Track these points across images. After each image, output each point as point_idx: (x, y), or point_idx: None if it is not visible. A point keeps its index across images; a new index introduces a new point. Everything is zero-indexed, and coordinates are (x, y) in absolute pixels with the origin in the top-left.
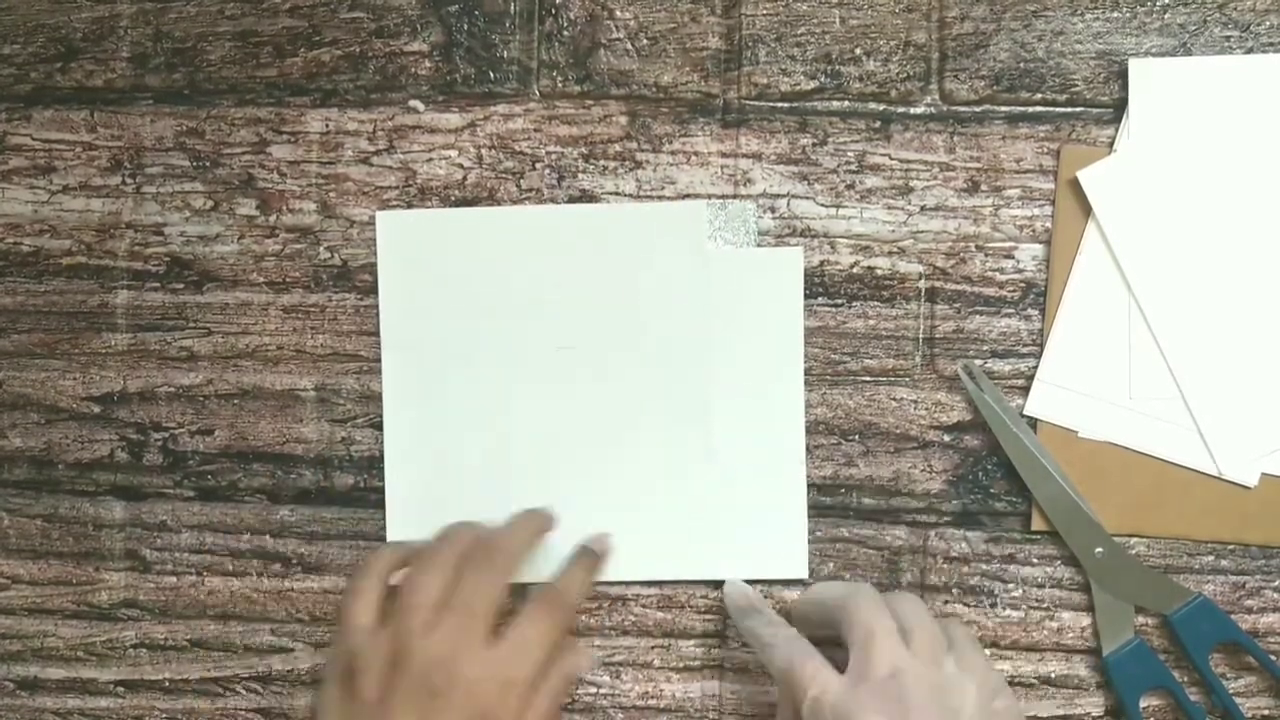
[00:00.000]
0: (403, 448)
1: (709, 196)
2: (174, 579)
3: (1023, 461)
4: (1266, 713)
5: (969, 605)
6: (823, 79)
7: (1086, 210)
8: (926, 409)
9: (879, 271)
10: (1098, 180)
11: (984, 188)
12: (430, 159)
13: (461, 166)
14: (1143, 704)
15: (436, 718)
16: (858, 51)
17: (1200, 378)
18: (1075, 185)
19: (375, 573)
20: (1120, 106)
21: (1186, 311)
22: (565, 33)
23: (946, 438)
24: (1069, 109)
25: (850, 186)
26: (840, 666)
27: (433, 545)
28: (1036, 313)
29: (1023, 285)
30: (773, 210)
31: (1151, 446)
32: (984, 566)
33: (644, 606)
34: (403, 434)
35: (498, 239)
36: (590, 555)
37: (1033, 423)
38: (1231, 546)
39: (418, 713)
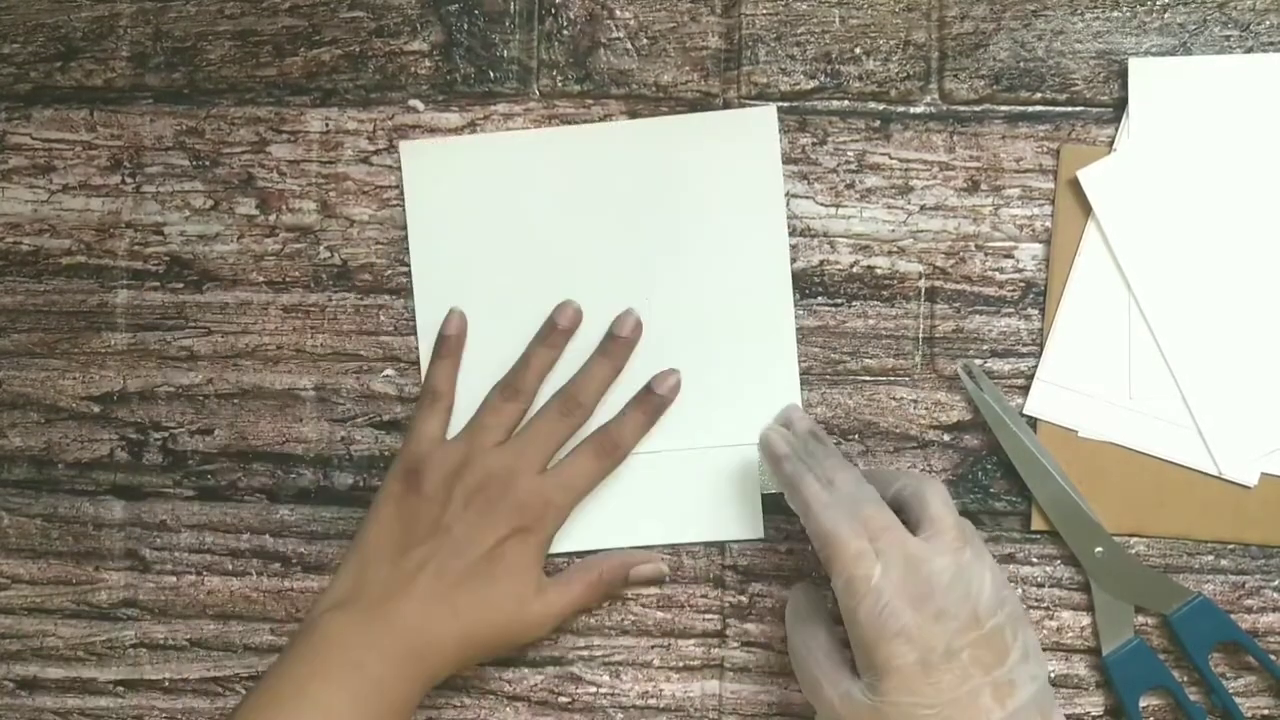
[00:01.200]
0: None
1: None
2: (174, 579)
3: (1022, 461)
4: (1266, 712)
5: None
6: (822, 78)
7: (1086, 210)
8: (926, 409)
9: (879, 271)
10: (1097, 180)
11: (984, 187)
12: None
13: None
14: (1142, 703)
15: (486, 519)
16: (857, 51)
17: (1200, 378)
18: (1075, 185)
19: (444, 388)
20: (1120, 106)
21: (1186, 311)
22: (565, 32)
23: (946, 437)
24: (1069, 108)
25: (850, 186)
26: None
27: (516, 373)
28: (1036, 312)
29: (1022, 285)
30: None
31: (1151, 446)
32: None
33: (644, 606)
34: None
35: (517, 162)
36: (651, 398)
37: (1033, 422)
38: (1231, 546)
39: (472, 512)
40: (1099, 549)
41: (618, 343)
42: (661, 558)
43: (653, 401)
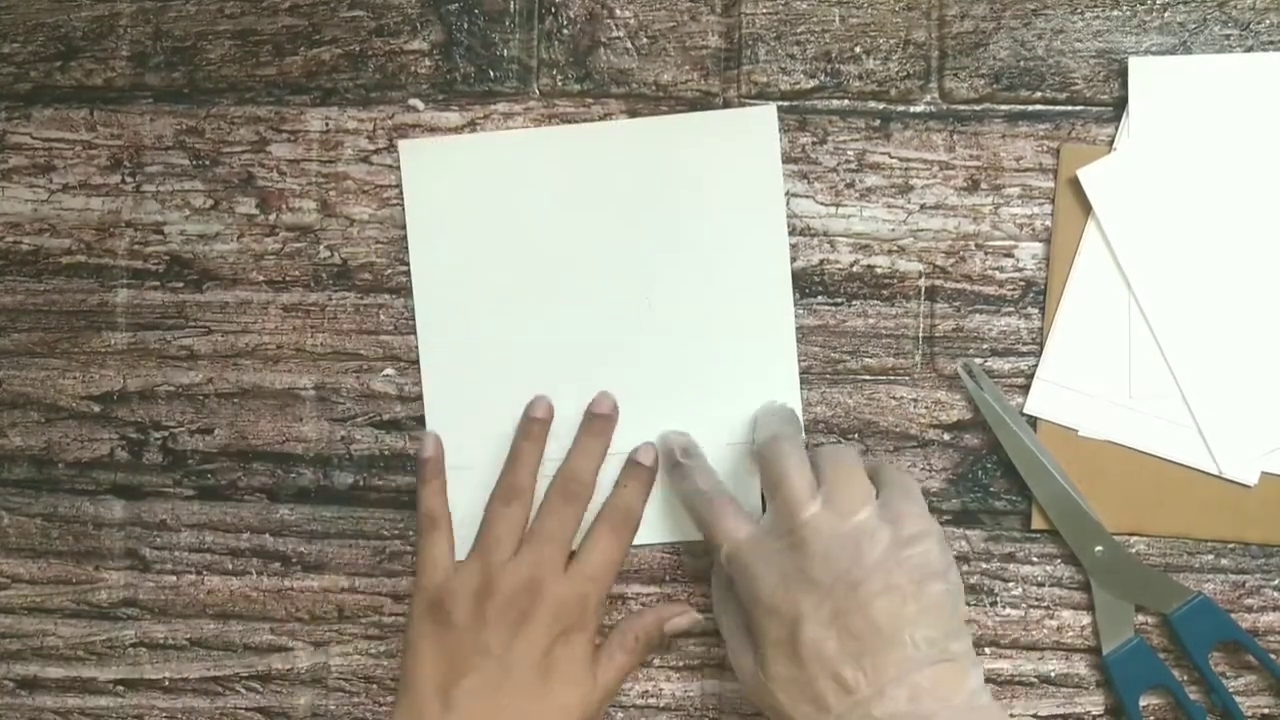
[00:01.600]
0: (439, 379)
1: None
2: (174, 578)
3: (1022, 460)
4: (1266, 712)
5: (969, 604)
6: (822, 77)
7: (1086, 209)
8: (926, 408)
9: (879, 270)
10: (1097, 179)
11: (984, 186)
12: None
13: None
14: (1142, 703)
15: (526, 632)
16: (857, 50)
17: (1200, 377)
18: (1075, 184)
19: (439, 511)
20: (1120, 105)
21: (1186, 310)
22: (565, 31)
23: (946, 436)
24: (1069, 107)
25: (850, 185)
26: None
27: (509, 474)
28: (1036, 311)
29: (1022, 284)
30: None
31: (1151, 446)
32: (984, 565)
33: (644, 606)
34: (438, 364)
35: (517, 160)
36: (640, 469)
37: (1033, 421)
38: (1231, 545)
39: (509, 629)
40: (1099, 548)
41: (600, 420)
42: (690, 607)
43: (646, 473)
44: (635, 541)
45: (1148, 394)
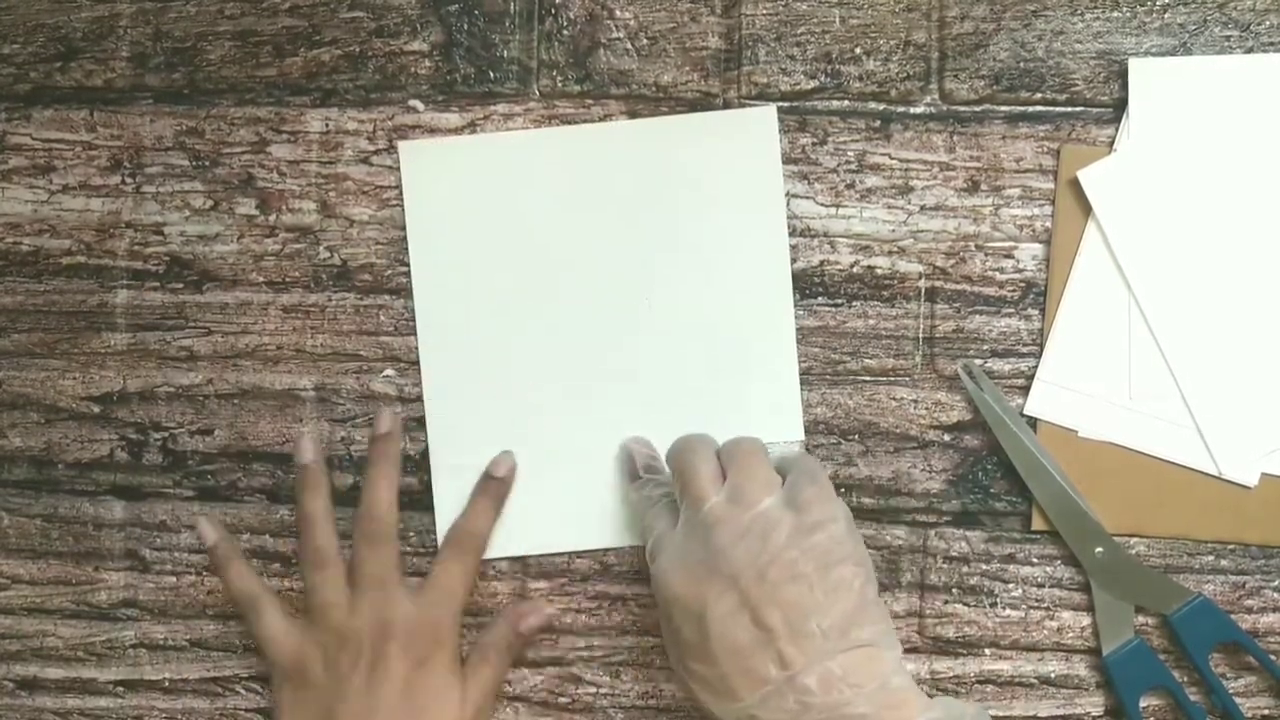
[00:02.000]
0: (439, 379)
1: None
2: (174, 579)
3: (1023, 461)
4: (1266, 713)
5: (969, 605)
6: (823, 78)
7: (1086, 210)
8: (926, 409)
9: (879, 271)
10: (1098, 180)
11: (984, 187)
12: None
13: None
14: (1143, 704)
15: (382, 670)
16: (858, 51)
17: (1200, 378)
18: (1075, 185)
19: (260, 587)
20: (1120, 106)
21: (1186, 311)
22: (565, 32)
23: (946, 437)
24: (1069, 108)
25: (850, 186)
26: None
27: (306, 542)
28: (1036, 312)
29: (1023, 285)
30: None
31: (1151, 446)
32: (984, 566)
33: (644, 606)
34: (438, 364)
35: (517, 161)
36: (493, 483)
37: (1033, 422)
38: (1231, 546)
39: (366, 672)
40: (1099, 549)
41: (382, 440)
42: (546, 601)
43: (495, 487)
44: (640, 542)
45: (1148, 395)
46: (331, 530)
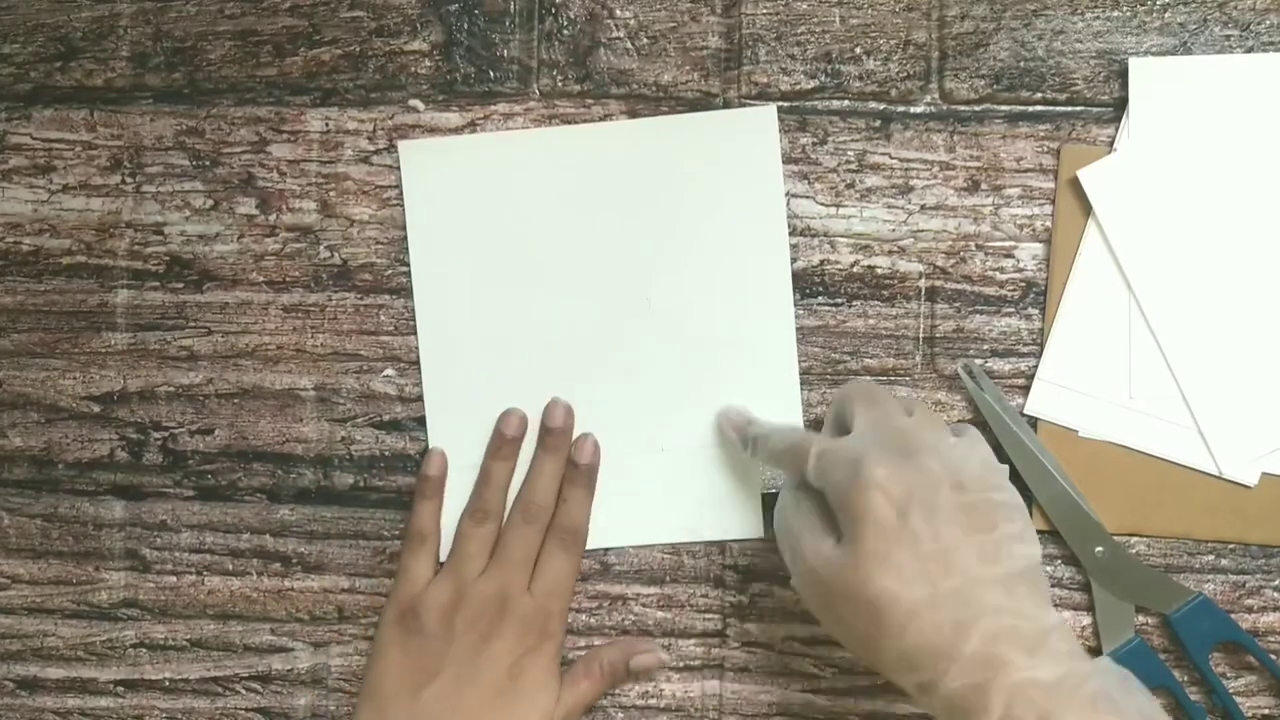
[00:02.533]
0: (439, 379)
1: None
2: (174, 578)
3: (1023, 460)
4: (1267, 712)
5: None
6: (823, 78)
7: (1087, 209)
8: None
9: (879, 271)
10: (1098, 179)
11: (984, 187)
12: None
13: None
14: None
15: (493, 644)
16: (858, 50)
17: (1200, 377)
18: (1075, 184)
19: (429, 529)
20: (1120, 106)
21: (1187, 311)
22: (565, 32)
23: None
24: (1069, 108)
25: (850, 185)
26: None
27: (480, 494)
28: (1036, 312)
29: (1023, 284)
30: None
31: (1151, 446)
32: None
33: (644, 606)
34: (438, 364)
35: (517, 161)
36: (579, 471)
37: (1033, 422)
38: (1232, 546)
39: (477, 641)
40: (1099, 549)
41: (555, 435)
42: (658, 646)
43: (584, 473)
44: (634, 543)
45: (1148, 395)
46: (504, 496)
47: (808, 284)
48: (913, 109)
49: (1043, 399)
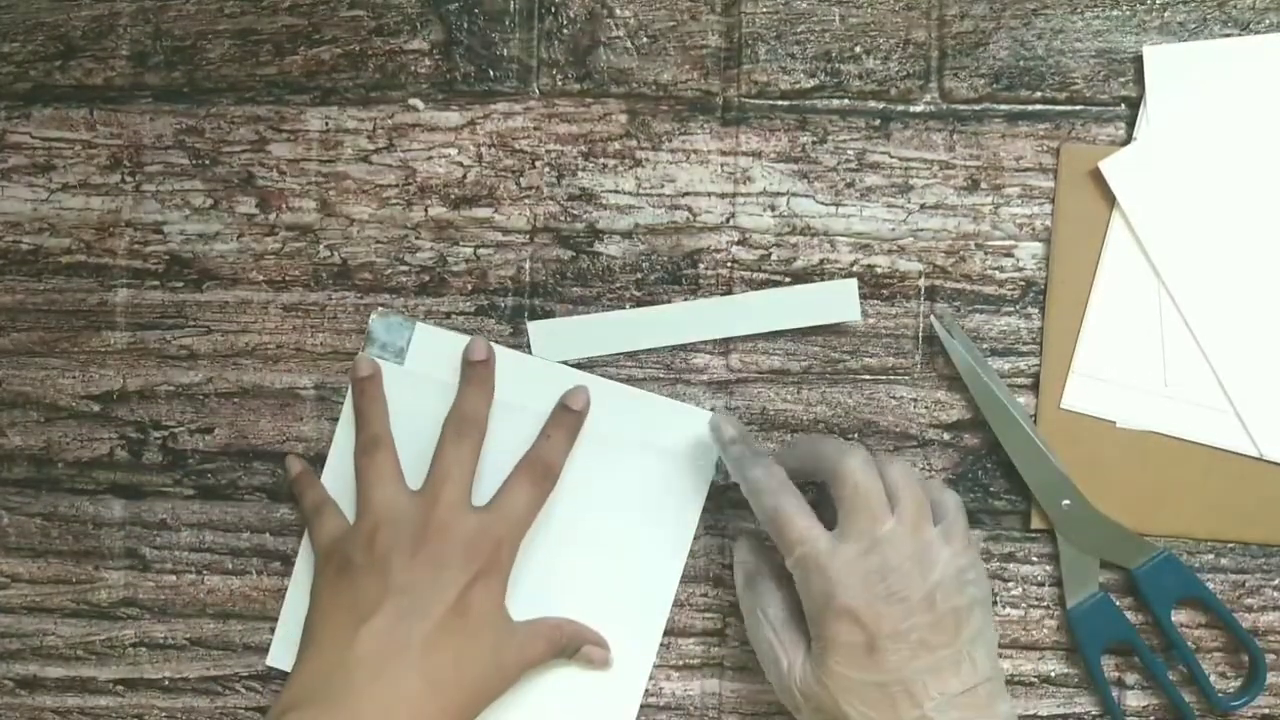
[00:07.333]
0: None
1: (709, 194)
2: (174, 577)
3: (993, 412)
4: (1226, 669)
5: None
6: (822, 77)
7: (1087, 208)
8: (926, 407)
9: (879, 270)
10: (1120, 170)
11: (984, 186)
12: (430, 157)
13: (461, 165)
14: (1105, 660)
15: (442, 572)
16: (857, 49)
17: (1235, 360)
18: (1076, 183)
19: (331, 506)
20: (1120, 104)
21: (1217, 295)
22: (565, 31)
23: (946, 436)
24: (1069, 107)
25: (850, 185)
26: (820, 515)
27: (359, 432)
28: (1036, 311)
29: (1022, 283)
30: (773, 209)
31: (1190, 433)
32: (984, 565)
33: None
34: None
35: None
36: (568, 414)
37: (1035, 414)
38: (1231, 545)
39: (418, 563)
40: (1066, 501)
41: (477, 368)
42: (609, 652)
43: (571, 419)
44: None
45: (1183, 382)
46: (387, 424)
47: (808, 283)
48: (912, 108)
49: (1079, 393)
